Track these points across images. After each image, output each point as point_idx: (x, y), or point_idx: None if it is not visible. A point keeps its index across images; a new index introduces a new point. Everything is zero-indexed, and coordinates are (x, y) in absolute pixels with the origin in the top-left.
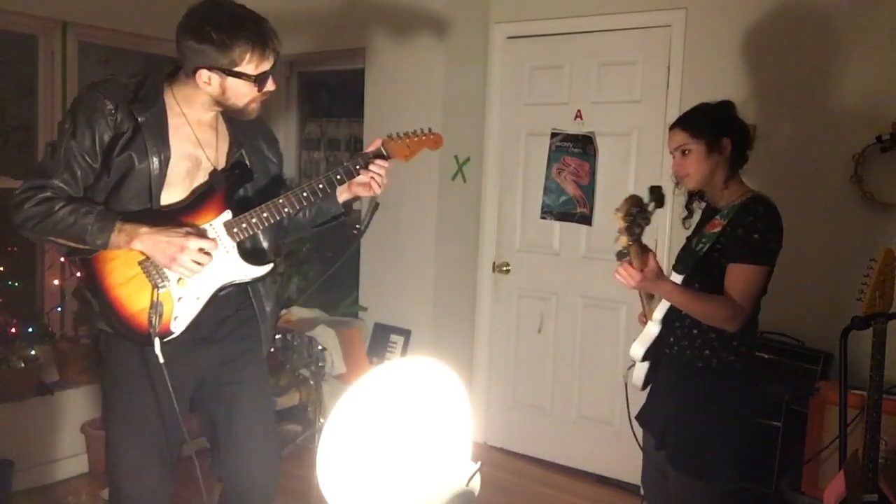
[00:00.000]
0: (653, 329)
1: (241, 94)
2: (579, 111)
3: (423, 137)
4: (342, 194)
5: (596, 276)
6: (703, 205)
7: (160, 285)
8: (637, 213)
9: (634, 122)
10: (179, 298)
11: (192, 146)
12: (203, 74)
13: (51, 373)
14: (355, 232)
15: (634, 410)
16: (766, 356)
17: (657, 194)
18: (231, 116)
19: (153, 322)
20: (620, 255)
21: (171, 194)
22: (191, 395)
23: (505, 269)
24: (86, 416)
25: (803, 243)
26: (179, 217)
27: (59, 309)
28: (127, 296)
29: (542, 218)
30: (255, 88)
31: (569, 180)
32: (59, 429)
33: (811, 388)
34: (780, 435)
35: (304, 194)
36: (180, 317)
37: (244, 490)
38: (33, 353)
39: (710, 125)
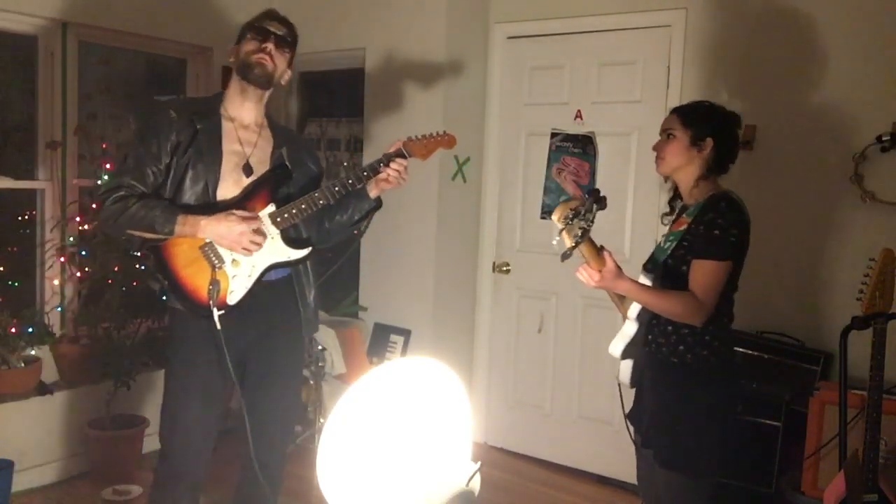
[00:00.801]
0: (630, 327)
1: (245, 48)
2: (579, 111)
3: (439, 138)
4: (372, 191)
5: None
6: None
7: (217, 266)
8: (573, 216)
9: (634, 122)
10: (234, 276)
11: (238, 146)
12: (233, 50)
13: (51, 373)
14: (355, 232)
15: (629, 408)
16: (766, 356)
17: (596, 197)
18: (273, 124)
19: (212, 295)
20: (564, 257)
21: (225, 190)
22: (238, 363)
23: (505, 269)
24: (86, 416)
25: (803, 243)
26: (233, 208)
27: (60, 309)
28: (191, 275)
29: (542, 218)
30: (255, 41)
31: (569, 180)
32: (59, 429)
33: (811, 388)
34: (780, 435)
35: (336, 188)
36: (235, 291)
37: (258, 449)
38: (33, 353)
39: (702, 121)
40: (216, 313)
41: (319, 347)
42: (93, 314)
